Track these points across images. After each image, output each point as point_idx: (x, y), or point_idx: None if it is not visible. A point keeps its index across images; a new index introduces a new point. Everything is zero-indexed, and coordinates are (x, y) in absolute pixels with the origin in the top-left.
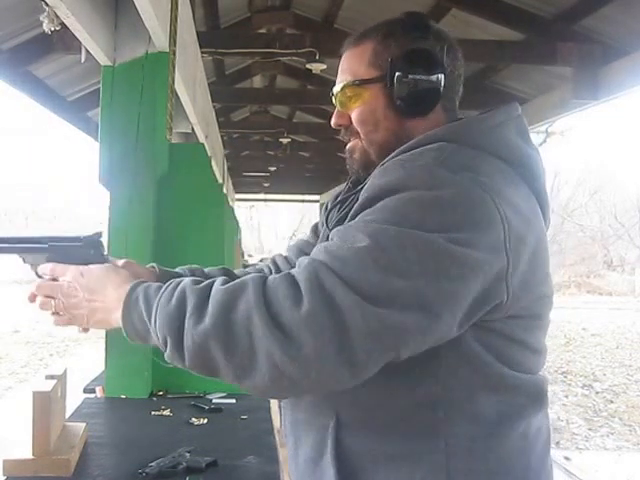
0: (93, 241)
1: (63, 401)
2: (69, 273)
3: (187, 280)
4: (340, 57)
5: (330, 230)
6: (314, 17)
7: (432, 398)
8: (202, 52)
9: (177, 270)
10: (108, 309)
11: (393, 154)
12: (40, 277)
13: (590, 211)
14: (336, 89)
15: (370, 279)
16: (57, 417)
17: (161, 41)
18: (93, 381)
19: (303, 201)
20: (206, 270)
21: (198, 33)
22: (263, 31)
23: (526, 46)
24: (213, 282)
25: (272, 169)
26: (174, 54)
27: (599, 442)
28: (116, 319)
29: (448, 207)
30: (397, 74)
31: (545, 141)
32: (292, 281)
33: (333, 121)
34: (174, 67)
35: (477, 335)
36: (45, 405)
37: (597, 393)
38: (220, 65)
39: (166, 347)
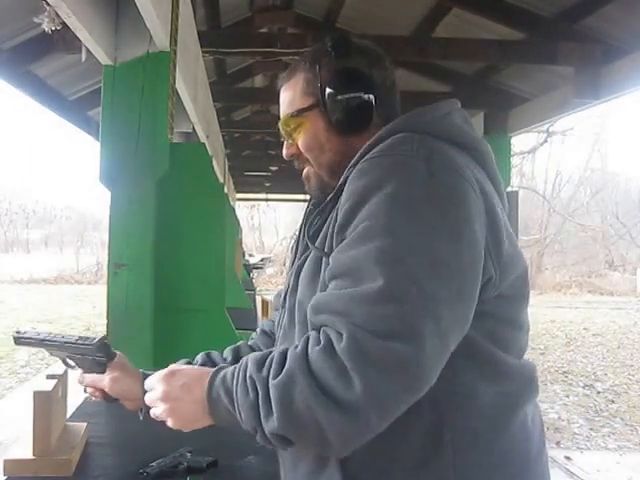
0: (101, 344)
1: (64, 401)
2: (158, 377)
3: (250, 367)
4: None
5: (309, 237)
6: (315, 16)
7: (435, 396)
8: (203, 52)
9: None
10: (201, 412)
11: (358, 156)
12: (68, 365)
13: (591, 211)
14: (280, 123)
15: (404, 318)
16: (58, 417)
17: (162, 40)
18: None
19: (304, 201)
20: (212, 354)
21: (199, 32)
22: (264, 30)
23: (527, 45)
24: (268, 373)
25: (273, 169)
26: (175, 53)
27: (600, 442)
28: (207, 420)
29: (437, 200)
30: (328, 97)
31: (546, 140)
32: (332, 354)
33: (284, 152)
34: (175, 66)
35: (473, 322)
36: (46, 405)
37: (598, 393)
38: (221, 64)
39: (256, 434)
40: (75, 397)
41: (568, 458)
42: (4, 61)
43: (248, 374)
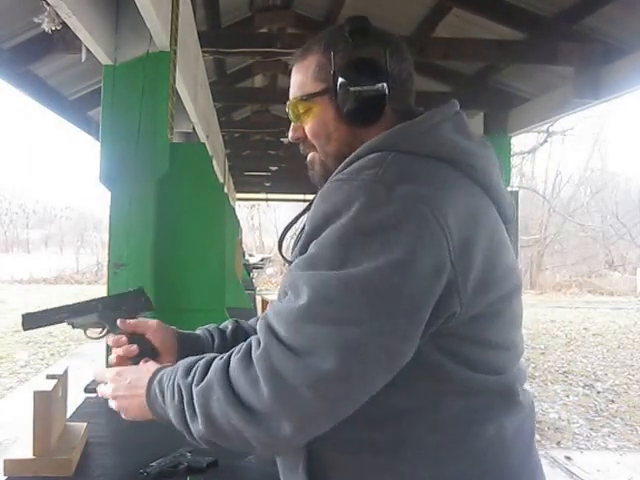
0: (140, 291)
1: (64, 401)
2: (109, 374)
3: (179, 372)
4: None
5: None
6: (315, 16)
7: (398, 408)
8: (203, 52)
9: (196, 332)
10: (142, 412)
11: (336, 171)
12: (89, 337)
13: (591, 211)
14: (288, 104)
15: (324, 335)
16: (58, 417)
17: (162, 40)
18: (94, 381)
19: (304, 201)
20: (221, 326)
21: (199, 33)
22: (264, 30)
23: (527, 45)
24: (192, 380)
25: (273, 169)
26: (175, 53)
27: (600, 442)
28: (149, 414)
29: (388, 230)
30: (341, 86)
31: (546, 140)
32: (248, 364)
33: (290, 135)
34: (175, 66)
35: (436, 343)
36: (46, 405)
37: (598, 393)
38: (221, 64)
39: (184, 432)
40: (75, 397)
41: (568, 458)
42: (4, 61)
43: (176, 380)
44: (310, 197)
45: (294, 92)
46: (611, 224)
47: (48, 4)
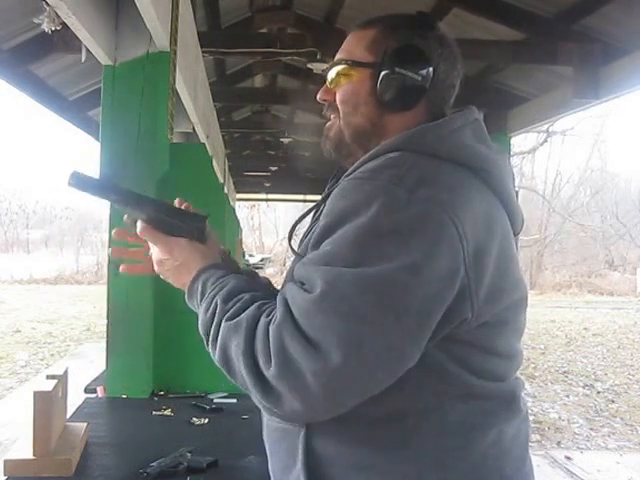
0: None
1: (64, 401)
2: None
3: (223, 292)
4: None
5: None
6: (315, 17)
7: (401, 409)
8: (203, 52)
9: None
10: (180, 280)
11: (352, 168)
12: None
13: (591, 211)
14: (330, 63)
15: (334, 329)
16: (58, 417)
17: (162, 41)
18: (94, 381)
19: (304, 201)
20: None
21: (199, 33)
22: (264, 31)
23: (526, 46)
24: (228, 310)
25: (273, 169)
26: (175, 54)
27: (600, 442)
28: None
29: (406, 233)
30: (386, 65)
31: (546, 140)
32: (265, 336)
33: (319, 95)
34: (175, 67)
35: (443, 346)
36: (46, 405)
37: (598, 393)
38: (221, 65)
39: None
40: (75, 397)
41: (568, 458)
42: (4, 61)
43: (217, 298)
44: (310, 197)
45: (340, 55)
46: (611, 224)
47: (48, 4)
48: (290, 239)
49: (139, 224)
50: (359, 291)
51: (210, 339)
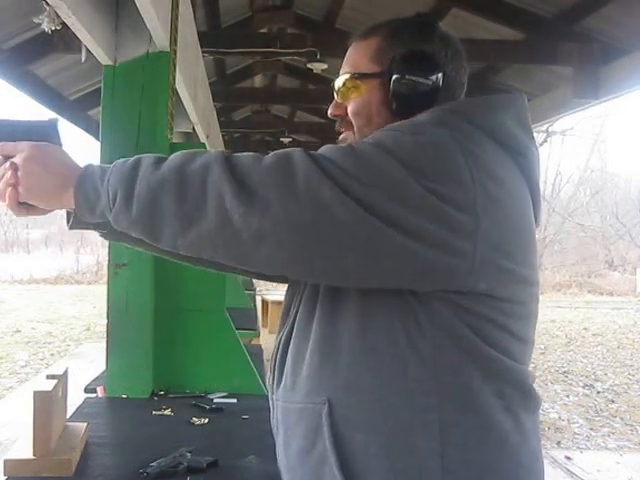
0: (52, 125)
1: (64, 401)
2: (22, 146)
3: (147, 163)
4: (344, 53)
5: None
6: (315, 17)
7: (424, 382)
8: (203, 52)
9: None
10: (63, 183)
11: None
12: None
13: (591, 211)
14: (337, 80)
15: (335, 154)
16: (58, 417)
17: (162, 40)
18: (94, 381)
19: None
20: None
21: (199, 33)
22: (264, 31)
23: (527, 46)
24: (179, 161)
25: None
26: (175, 53)
27: (600, 442)
28: (68, 197)
29: (420, 152)
30: (396, 73)
31: (546, 140)
32: (253, 157)
33: (330, 111)
34: (175, 66)
35: (458, 314)
36: (46, 405)
37: (598, 393)
38: (221, 65)
39: (114, 203)
40: (75, 397)
41: (568, 458)
42: (4, 61)
43: (136, 157)
44: None
45: (346, 69)
46: (611, 224)
47: (48, 4)
48: None
49: None
50: (374, 159)
51: (145, 170)
